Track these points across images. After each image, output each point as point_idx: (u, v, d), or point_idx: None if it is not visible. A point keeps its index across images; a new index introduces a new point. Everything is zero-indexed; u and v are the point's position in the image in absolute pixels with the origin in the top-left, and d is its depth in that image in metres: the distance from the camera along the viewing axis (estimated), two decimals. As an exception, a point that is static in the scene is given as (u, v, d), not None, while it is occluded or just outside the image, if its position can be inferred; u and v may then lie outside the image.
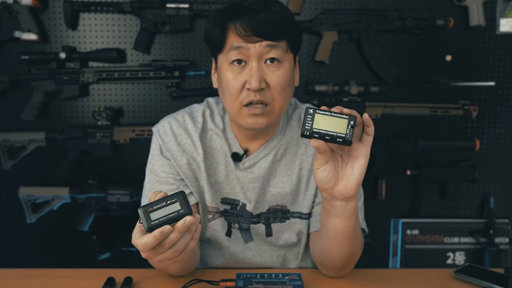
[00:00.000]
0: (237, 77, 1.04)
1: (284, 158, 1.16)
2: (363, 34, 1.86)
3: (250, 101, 1.03)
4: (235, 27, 1.01)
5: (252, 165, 1.14)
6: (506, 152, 1.99)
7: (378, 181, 1.93)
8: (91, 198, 1.85)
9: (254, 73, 1.02)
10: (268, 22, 1.01)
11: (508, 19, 1.90)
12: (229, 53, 1.03)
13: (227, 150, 1.15)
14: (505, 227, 1.95)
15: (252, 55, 1.02)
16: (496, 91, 1.95)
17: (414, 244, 1.96)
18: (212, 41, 1.07)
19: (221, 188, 1.15)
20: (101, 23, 1.86)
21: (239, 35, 1.01)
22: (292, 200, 1.17)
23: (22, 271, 1.16)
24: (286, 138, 1.16)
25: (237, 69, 1.04)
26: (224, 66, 1.05)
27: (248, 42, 1.02)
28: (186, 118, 1.17)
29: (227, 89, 1.05)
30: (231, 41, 1.03)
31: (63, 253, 1.95)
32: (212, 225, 1.17)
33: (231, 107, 1.07)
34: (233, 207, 1.15)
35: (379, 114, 1.88)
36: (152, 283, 1.08)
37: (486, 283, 1.06)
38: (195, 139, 1.14)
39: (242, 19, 1.01)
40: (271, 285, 1.01)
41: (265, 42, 1.02)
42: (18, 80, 1.82)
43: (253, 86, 1.01)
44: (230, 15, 1.04)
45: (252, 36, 1.01)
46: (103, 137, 1.83)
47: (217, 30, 1.04)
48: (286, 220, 1.17)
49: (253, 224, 1.16)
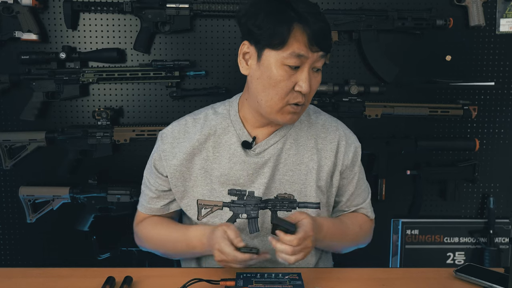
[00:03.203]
0: (290, 78, 1.09)
1: (294, 148, 1.21)
2: (363, 34, 1.86)
3: (298, 102, 1.11)
4: (305, 34, 1.05)
5: (262, 151, 1.20)
6: (506, 152, 1.99)
7: (378, 181, 1.94)
8: (91, 198, 1.85)
9: (307, 79, 1.09)
10: (326, 34, 1.09)
11: (508, 19, 1.90)
12: (290, 58, 1.06)
13: (233, 138, 1.20)
14: (505, 227, 1.95)
15: (307, 62, 1.08)
16: (496, 91, 1.95)
17: (414, 244, 1.96)
18: (266, 35, 1.07)
19: (227, 180, 1.19)
20: (101, 23, 1.86)
21: (307, 43, 1.06)
22: (300, 190, 1.21)
23: (22, 271, 1.16)
24: (295, 130, 1.23)
25: (290, 71, 1.08)
26: (277, 63, 1.08)
27: (310, 51, 1.07)
28: (188, 121, 1.25)
29: (276, 87, 1.09)
30: (294, 46, 1.06)
31: (63, 253, 1.95)
32: (211, 218, 1.20)
33: (274, 102, 1.11)
34: (240, 198, 1.19)
35: (379, 114, 1.88)
36: (151, 283, 1.08)
37: (486, 283, 1.06)
38: (195, 139, 1.21)
39: (310, 27, 1.05)
40: (271, 285, 1.01)
41: (321, 53, 1.09)
42: (18, 80, 1.82)
43: (304, 90, 1.08)
44: (295, 15, 1.06)
45: (315, 45, 1.07)
46: (103, 137, 1.83)
47: (282, 28, 1.05)
48: (292, 210, 1.20)
49: (261, 210, 1.20)
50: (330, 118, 1.30)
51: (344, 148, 1.24)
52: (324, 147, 1.23)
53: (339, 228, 1.22)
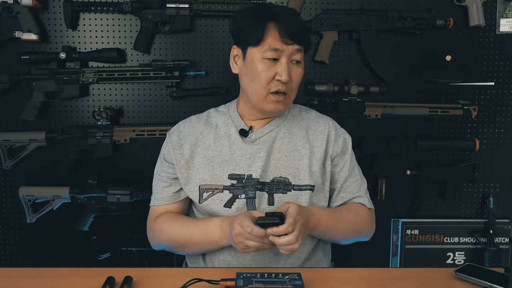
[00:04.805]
0: (270, 70, 1.24)
1: (287, 137, 1.34)
2: (363, 34, 1.86)
3: (278, 90, 1.25)
4: (277, 29, 1.22)
5: (257, 138, 1.33)
6: (506, 152, 1.99)
7: (378, 181, 1.94)
8: (91, 198, 1.85)
9: (285, 69, 1.23)
10: (300, 29, 1.26)
11: (508, 19, 1.90)
12: (267, 51, 1.23)
13: (232, 129, 1.34)
14: (505, 227, 1.95)
15: (284, 55, 1.24)
16: (496, 91, 1.96)
17: (414, 244, 1.96)
18: (247, 36, 1.25)
19: (227, 166, 1.30)
20: (101, 23, 1.86)
21: (280, 37, 1.22)
22: (294, 174, 1.30)
23: (22, 270, 1.16)
24: (288, 122, 1.37)
25: (269, 63, 1.24)
26: (258, 58, 1.24)
27: (284, 44, 1.23)
28: (192, 119, 1.41)
29: (258, 78, 1.25)
30: (270, 41, 1.22)
31: (63, 253, 1.95)
32: (212, 200, 1.29)
33: (258, 93, 1.26)
34: (239, 181, 1.29)
35: (379, 114, 1.88)
36: (151, 283, 1.08)
37: (486, 283, 1.06)
38: (198, 132, 1.35)
39: (281, 23, 1.22)
40: (271, 285, 1.01)
41: (296, 46, 1.24)
42: (18, 80, 1.82)
43: (283, 79, 1.23)
44: (268, 15, 1.24)
45: (288, 39, 1.22)
46: (103, 137, 1.83)
47: (259, 27, 1.22)
48: (288, 192, 1.29)
49: (258, 191, 1.28)
50: (320, 114, 1.43)
51: (334, 138, 1.36)
52: (316, 137, 1.35)
53: (332, 215, 1.29)
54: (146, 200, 1.82)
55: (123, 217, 1.88)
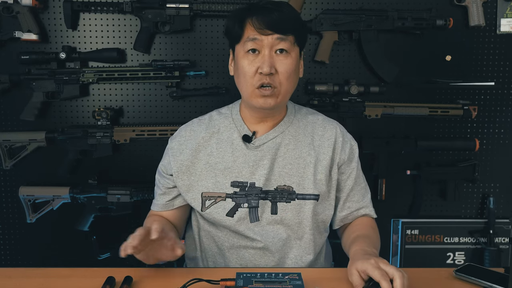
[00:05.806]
0: (252, 63, 1.21)
1: (292, 143, 1.29)
2: (363, 34, 1.86)
3: (262, 83, 1.20)
4: (252, 21, 1.20)
5: (261, 145, 1.28)
6: (506, 152, 1.99)
7: (378, 181, 1.94)
8: (91, 198, 1.86)
9: (266, 60, 1.19)
10: (279, 18, 1.20)
11: (508, 19, 1.90)
12: (246, 44, 1.21)
13: (234, 134, 1.29)
14: (505, 227, 1.95)
15: (264, 46, 1.20)
16: (496, 91, 1.95)
17: (414, 244, 1.96)
18: (232, 34, 1.25)
19: (230, 173, 1.27)
20: (101, 23, 1.86)
21: (255, 28, 1.19)
22: (298, 183, 1.27)
23: (22, 270, 1.16)
24: (293, 127, 1.32)
25: (251, 57, 1.21)
26: (241, 54, 1.23)
27: (262, 34, 1.19)
28: (194, 122, 1.37)
29: (243, 74, 1.22)
30: (247, 33, 1.20)
31: (63, 253, 1.95)
32: (214, 208, 1.27)
33: (246, 89, 1.23)
34: (242, 189, 1.26)
35: (379, 114, 1.88)
36: (151, 282, 1.08)
37: (486, 283, 1.06)
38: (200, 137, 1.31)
39: (258, 15, 1.19)
40: (271, 285, 1.01)
41: (276, 35, 1.19)
42: (18, 80, 1.82)
43: (264, 70, 1.18)
44: (248, 12, 1.22)
45: (266, 29, 1.19)
46: (103, 137, 1.83)
47: (237, 24, 1.22)
48: (292, 201, 1.27)
49: (261, 200, 1.26)
50: (328, 118, 1.38)
51: (341, 144, 1.32)
52: (322, 143, 1.31)
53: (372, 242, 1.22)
54: (146, 200, 1.82)
55: (123, 217, 1.87)
